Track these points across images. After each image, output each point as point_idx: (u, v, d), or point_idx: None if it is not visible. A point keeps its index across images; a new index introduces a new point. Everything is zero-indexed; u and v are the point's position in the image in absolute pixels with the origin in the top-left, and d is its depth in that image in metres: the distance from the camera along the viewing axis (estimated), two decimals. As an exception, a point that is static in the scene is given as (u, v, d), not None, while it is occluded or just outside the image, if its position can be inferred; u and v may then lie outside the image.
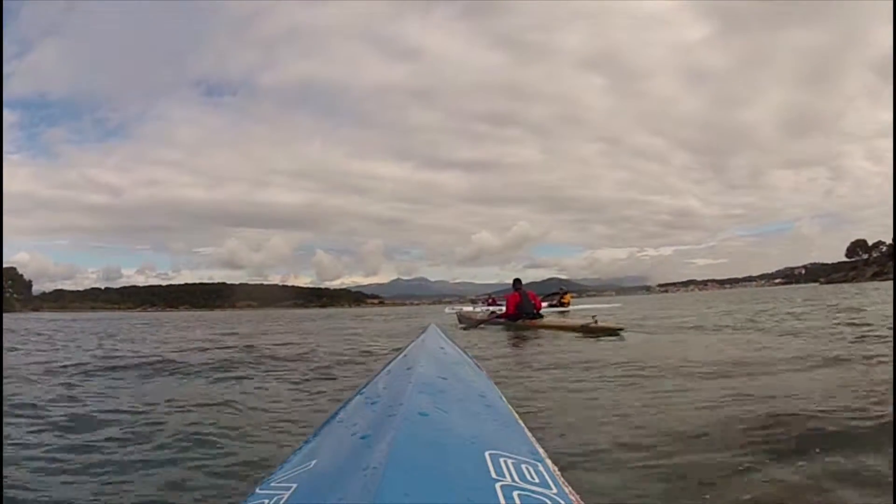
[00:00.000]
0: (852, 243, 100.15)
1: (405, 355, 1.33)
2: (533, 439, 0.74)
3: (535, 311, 8.09)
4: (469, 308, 11.94)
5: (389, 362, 1.29)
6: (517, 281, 8.52)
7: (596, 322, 6.42)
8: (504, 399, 1.04)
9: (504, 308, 8.61)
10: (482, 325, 8.49)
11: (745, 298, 20.10)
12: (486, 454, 0.58)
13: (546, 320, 8.00)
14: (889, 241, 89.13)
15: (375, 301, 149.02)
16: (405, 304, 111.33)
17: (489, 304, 13.27)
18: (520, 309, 8.12)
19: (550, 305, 13.57)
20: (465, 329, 8.48)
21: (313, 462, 0.64)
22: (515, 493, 0.49)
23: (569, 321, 7.71)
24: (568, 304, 14.50)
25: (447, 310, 12.84)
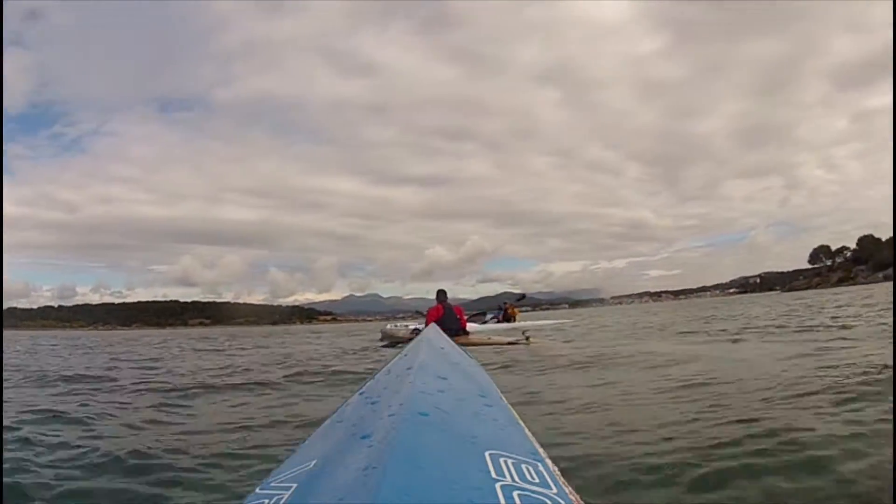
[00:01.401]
0: (815, 249, 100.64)
1: (405, 355, 1.33)
2: (533, 439, 0.74)
3: (459, 328, 7.18)
4: (408, 324, 10.80)
5: (389, 362, 1.29)
6: (441, 293, 7.58)
7: (528, 340, 6.12)
8: (504, 399, 1.04)
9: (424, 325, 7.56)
10: (401, 345, 7.57)
11: (703, 309, 19.08)
12: (486, 454, 0.58)
13: (473, 337, 7.26)
14: (853, 246, 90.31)
15: (328, 318, 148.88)
16: (357, 321, 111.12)
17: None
18: (442, 325, 7.09)
19: (496, 321, 12.37)
20: (385, 347, 7.57)
21: (313, 462, 0.64)
22: (515, 493, 0.49)
23: (497, 338, 7.18)
24: (514, 317, 12.95)
25: (389, 326, 11.77)
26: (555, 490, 0.53)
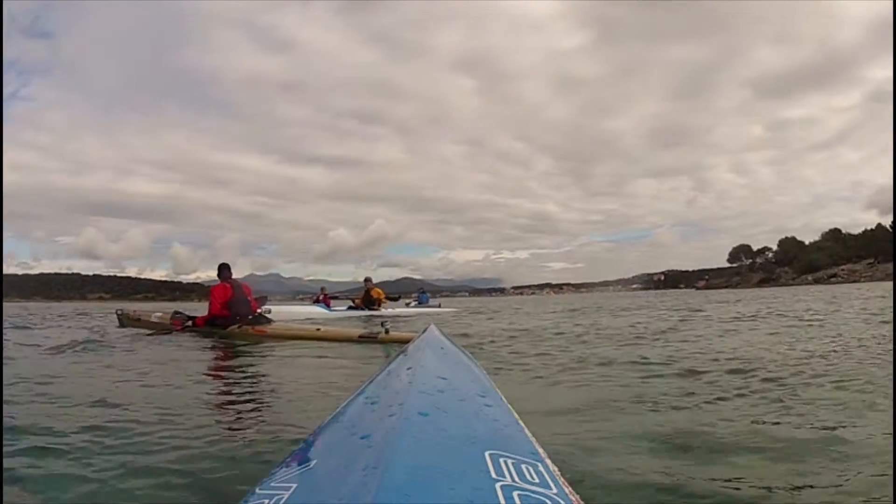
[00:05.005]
0: (735, 248, 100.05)
1: (405, 355, 1.33)
2: (533, 439, 0.74)
3: (251, 312, 5.56)
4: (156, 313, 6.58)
5: (389, 362, 1.29)
6: (224, 267, 5.69)
7: (387, 332, 4.48)
8: (504, 399, 1.04)
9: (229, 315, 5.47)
10: (158, 337, 5.23)
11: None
12: (486, 454, 0.58)
13: (279, 326, 5.43)
14: (775, 247, 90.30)
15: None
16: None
17: (319, 300, 11.17)
18: (233, 309, 5.47)
19: (352, 306, 10.45)
20: (149, 337, 5.24)
21: (313, 462, 0.64)
22: (515, 493, 0.49)
23: (330, 329, 5.18)
24: (379, 302, 10.33)
25: (123, 310, 7.66)
26: (555, 490, 0.53)
